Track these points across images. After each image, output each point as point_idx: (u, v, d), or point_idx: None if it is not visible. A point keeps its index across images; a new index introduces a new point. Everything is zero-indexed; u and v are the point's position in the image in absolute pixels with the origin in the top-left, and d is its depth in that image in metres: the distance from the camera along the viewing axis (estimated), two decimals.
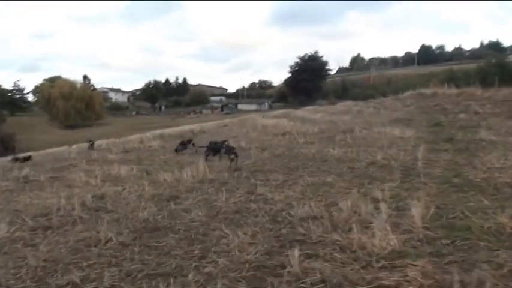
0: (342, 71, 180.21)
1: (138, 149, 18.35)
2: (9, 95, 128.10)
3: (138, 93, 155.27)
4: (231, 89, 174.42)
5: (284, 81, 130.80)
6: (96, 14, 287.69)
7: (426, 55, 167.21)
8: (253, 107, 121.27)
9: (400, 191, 7.78)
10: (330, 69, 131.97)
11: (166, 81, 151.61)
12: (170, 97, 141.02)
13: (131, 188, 9.64)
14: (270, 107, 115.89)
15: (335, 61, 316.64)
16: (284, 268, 4.74)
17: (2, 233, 6.83)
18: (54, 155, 20.27)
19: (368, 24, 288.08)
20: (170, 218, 6.95)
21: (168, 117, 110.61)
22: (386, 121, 19.55)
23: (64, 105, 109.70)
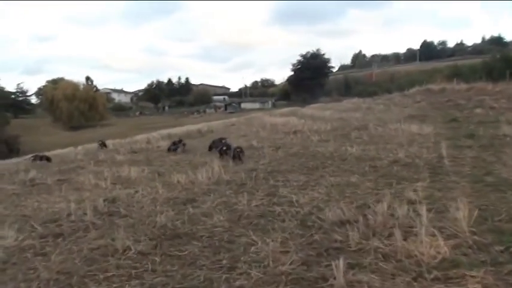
0: (343, 68, 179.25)
1: (146, 149, 17.89)
2: (12, 97, 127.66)
3: (141, 93, 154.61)
4: (234, 88, 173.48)
5: (287, 79, 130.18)
6: (97, 14, 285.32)
7: (428, 51, 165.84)
8: (256, 105, 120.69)
9: (433, 191, 7.32)
10: (332, 67, 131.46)
11: (169, 81, 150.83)
12: (173, 97, 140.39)
13: (144, 191, 9.18)
14: (273, 106, 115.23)
15: (337, 59, 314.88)
16: (326, 281, 4.27)
17: (11, 241, 6.37)
18: (61, 156, 19.79)
19: (369, 21, 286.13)
20: (190, 224, 6.48)
21: (171, 117, 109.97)
22: (400, 118, 19.06)
23: (67, 106, 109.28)
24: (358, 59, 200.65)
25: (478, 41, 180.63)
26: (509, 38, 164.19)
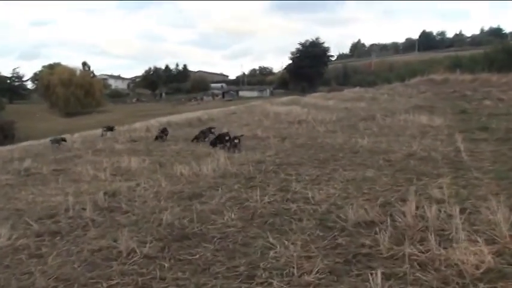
0: (342, 57, 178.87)
1: (146, 138, 17.31)
2: (8, 82, 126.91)
3: (138, 80, 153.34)
4: (232, 75, 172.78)
5: (285, 67, 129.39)
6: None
7: (427, 41, 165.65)
8: (254, 93, 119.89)
9: (457, 188, 6.83)
10: (331, 56, 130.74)
11: (167, 68, 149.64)
12: (170, 84, 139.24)
13: (146, 184, 8.67)
14: (271, 94, 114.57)
15: (335, 47, 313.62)
16: None
17: (3, 240, 5.86)
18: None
19: (368, 10, 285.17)
20: (199, 222, 5.96)
21: (168, 104, 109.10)
22: (407, 108, 18.59)
23: (64, 92, 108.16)
24: (357, 48, 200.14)
25: (477, 32, 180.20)
26: (508, 29, 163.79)
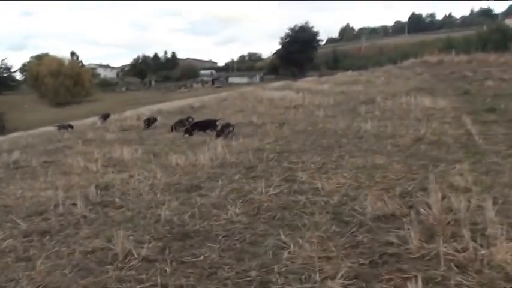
0: (331, 41, 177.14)
1: (137, 126, 16.75)
2: None
3: (127, 68, 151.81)
4: (221, 62, 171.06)
5: (275, 52, 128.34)
6: None
7: (416, 24, 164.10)
8: (244, 80, 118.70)
9: (478, 175, 6.35)
10: (320, 40, 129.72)
11: (155, 56, 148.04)
12: (159, 72, 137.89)
13: (140, 175, 8.13)
14: (261, 80, 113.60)
15: (324, 32, 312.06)
16: None
17: None
18: (47, 135, 18.65)
19: None
20: (200, 218, 5.44)
21: (158, 92, 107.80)
22: (406, 90, 18.04)
23: (53, 82, 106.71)
24: (346, 32, 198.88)
25: (467, 13, 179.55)
26: (498, 10, 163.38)
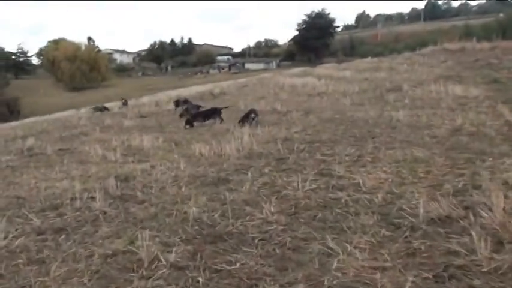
0: (347, 28, 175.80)
1: (156, 113, 16.29)
2: (13, 58, 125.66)
3: (143, 54, 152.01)
4: (237, 48, 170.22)
5: (291, 39, 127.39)
6: None
7: (432, 11, 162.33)
8: (260, 66, 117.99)
9: None
10: (337, 27, 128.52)
11: (172, 41, 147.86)
12: (176, 57, 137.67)
13: (162, 166, 7.65)
14: (278, 66, 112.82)
15: (340, 19, 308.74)
16: None
17: None
18: (62, 120, 18.30)
19: None
20: (233, 217, 4.91)
21: (174, 77, 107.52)
22: (432, 78, 17.32)
23: (69, 67, 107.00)
24: (362, 19, 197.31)
25: (483, 0, 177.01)
26: None
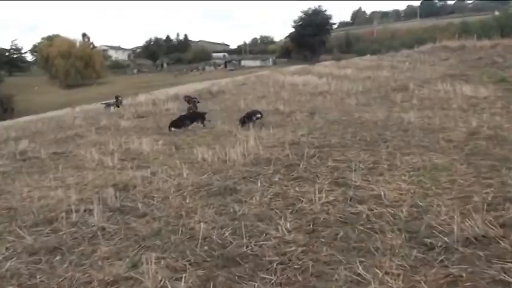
0: (343, 25, 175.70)
1: (154, 113, 15.76)
2: (6, 54, 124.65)
3: (138, 50, 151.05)
4: (233, 45, 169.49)
5: (288, 35, 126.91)
6: None
7: (428, 8, 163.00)
8: (257, 63, 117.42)
9: None
10: (333, 24, 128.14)
11: (167, 38, 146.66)
12: (171, 54, 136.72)
13: (163, 173, 7.19)
14: (274, 63, 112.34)
15: (336, 16, 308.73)
16: None
17: None
18: (57, 120, 17.76)
19: None
20: (246, 236, 4.45)
21: (170, 74, 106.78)
22: (437, 77, 16.90)
23: (63, 64, 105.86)
24: (358, 16, 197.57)
25: None
26: None
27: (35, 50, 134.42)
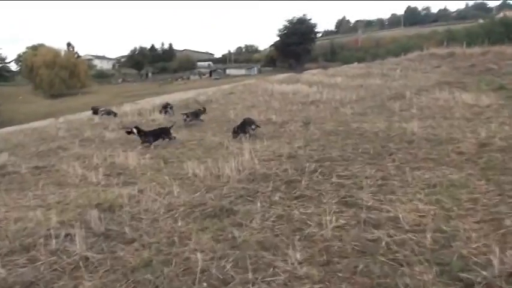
0: (327, 33, 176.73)
1: (140, 124, 15.09)
2: None
3: (123, 60, 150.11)
4: (218, 54, 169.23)
5: (272, 44, 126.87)
6: None
7: (412, 16, 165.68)
8: (242, 71, 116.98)
9: None
10: (318, 32, 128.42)
11: (152, 47, 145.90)
12: (156, 63, 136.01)
13: (151, 191, 6.61)
14: (259, 72, 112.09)
15: (320, 24, 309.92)
16: None
17: None
18: (40, 131, 17.00)
19: None
20: (251, 270, 3.86)
21: (155, 84, 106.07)
22: (431, 84, 16.45)
23: (48, 73, 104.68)
24: (342, 25, 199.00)
25: (462, 6, 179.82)
26: (493, 3, 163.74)
27: (19, 59, 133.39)
